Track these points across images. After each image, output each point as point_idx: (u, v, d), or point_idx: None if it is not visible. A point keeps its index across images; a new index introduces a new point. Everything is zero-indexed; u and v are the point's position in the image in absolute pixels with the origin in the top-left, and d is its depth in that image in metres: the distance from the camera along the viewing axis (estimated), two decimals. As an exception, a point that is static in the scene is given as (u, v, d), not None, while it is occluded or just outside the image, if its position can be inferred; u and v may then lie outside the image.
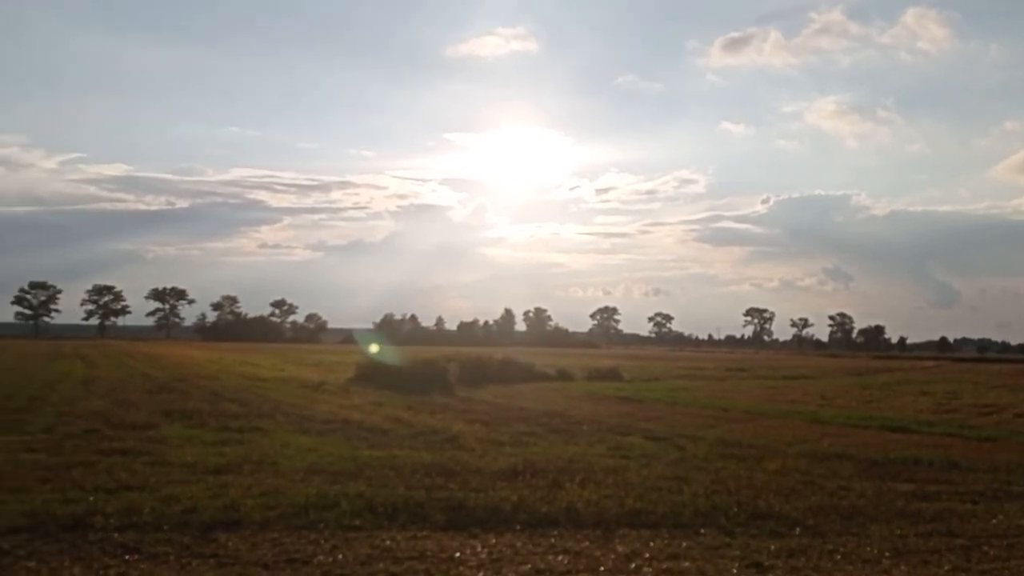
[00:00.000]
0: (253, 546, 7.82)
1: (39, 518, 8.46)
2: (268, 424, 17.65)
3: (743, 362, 74.17)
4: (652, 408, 24.49)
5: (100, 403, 21.62)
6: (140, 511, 8.77)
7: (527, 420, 19.56)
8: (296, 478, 11.05)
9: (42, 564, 7.03)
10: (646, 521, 9.25)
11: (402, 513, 9.23)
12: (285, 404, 22.47)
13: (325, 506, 9.28)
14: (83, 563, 7.10)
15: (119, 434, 15.40)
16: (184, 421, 18.03)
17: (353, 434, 16.41)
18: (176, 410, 20.03)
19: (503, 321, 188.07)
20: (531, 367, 39.31)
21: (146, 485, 10.24)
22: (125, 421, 17.48)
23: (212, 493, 9.76)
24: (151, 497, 9.44)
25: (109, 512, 8.67)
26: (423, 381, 29.48)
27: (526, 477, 11.42)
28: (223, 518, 8.67)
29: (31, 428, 16.23)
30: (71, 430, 15.88)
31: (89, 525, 8.26)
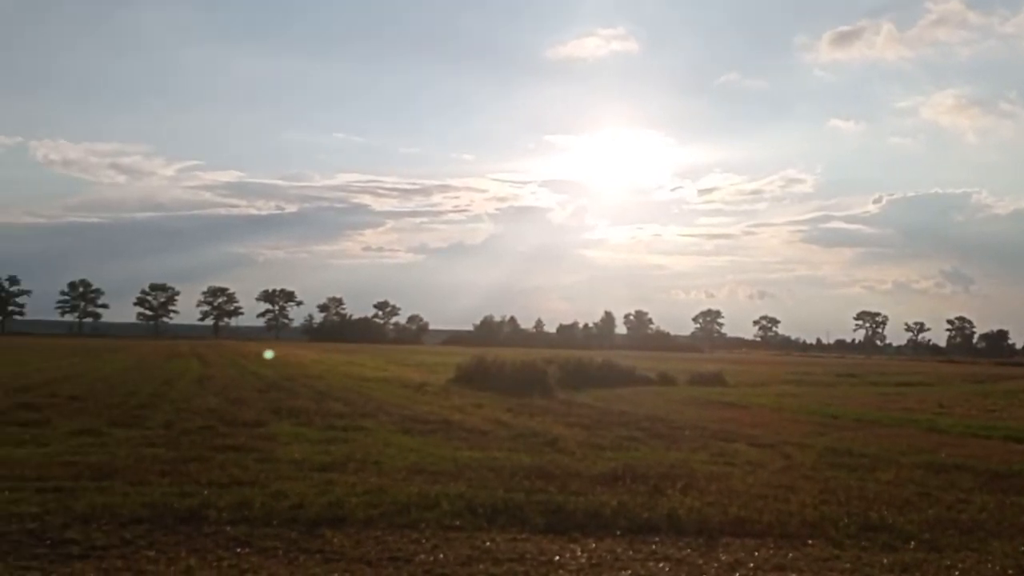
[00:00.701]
0: (357, 543, 7.98)
1: (158, 510, 8.85)
2: (371, 423, 18.01)
3: (854, 367, 71.59)
4: (757, 414, 23.87)
5: (214, 400, 22.54)
6: (251, 506, 9.08)
7: (627, 424, 19.35)
8: (398, 477, 11.23)
9: (161, 554, 7.35)
10: (751, 530, 9.00)
11: (502, 515, 9.25)
12: (388, 404, 22.91)
13: (426, 506, 9.39)
14: (198, 555, 7.39)
15: (231, 431, 16.00)
16: (292, 419, 18.58)
17: (454, 435, 16.58)
18: (284, 408, 20.69)
19: (603, 324, 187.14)
20: (632, 370, 38.91)
21: (256, 481, 10.59)
22: (237, 418, 18.15)
23: (318, 490, 10.01)
24: (261, 493, 9.76)
25: (222, 506, 9.00)
26: (523, 383, 29.58)
27: (626, 482, 11.29)
28: (328, 515, 8.88)
29: (151, 424, 17.03)
30: (187, 426, 16.59)
31: (204, 518, 8.60)
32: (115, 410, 19.40)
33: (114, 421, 17.12)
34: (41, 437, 14.48)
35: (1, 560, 6.99)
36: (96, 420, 17.17)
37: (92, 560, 7.11)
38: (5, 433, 14.77)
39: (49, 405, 20.15)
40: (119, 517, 8.53)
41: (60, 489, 9.74)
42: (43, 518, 8.38)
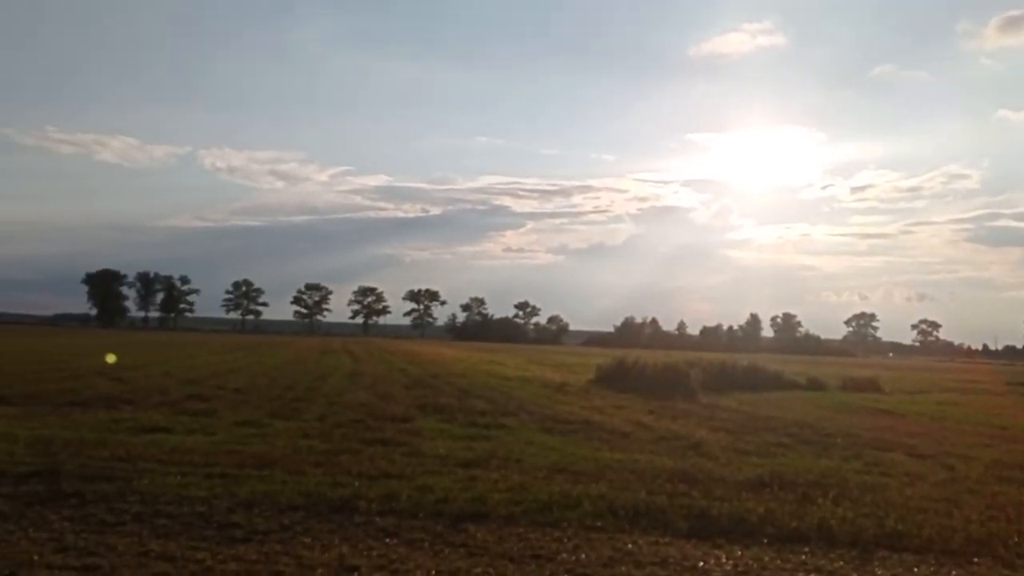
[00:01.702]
0: (500, 539, 8.11)
1: (313, 499, 9.30)
2: (513, 422, 18.23)
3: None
4: (916, 423, 22.54)
5: (364, 395, 23.44)
6: (398, 498, 9.39)
7: (774, 430, 18.72)
8: (540, 476, 11.32)
9: (316, 541, 7.72)
10: (909, 545, 8.52)
11: (643, 517, 9.16)
12: (529, 403, 23.12)
13: (568, 505, 9.42)
14: (350, 543, 7.71)
15: (380, 425, 16.60)
16: (436, 415, 19.07)
17: (594, 435, 16.54)
18: (429, 404, 21.26)
19: (748, 326, 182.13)
20: (779, 375, 37.59)
21: (403, 474, 10.94)
22: (385, 413, 18.80)
23: (462, 485, 10.23)
24: (408, 486, 10.07)
25: (371, 497, 9.36)
26: (664, 386, 29.16)
27: (773, 489, 10.93)
28: (472, 510, 9.07)
29: (306, 416, 17.90)
30: (339, 419, 17.33)
31: (354, 508, 8.97)
32: (274, 403, 20.51)
33: (273, 413, 18.10)
34: (209, 426, 15.51)
35: (174, 539, 7.53)
36: (257, 412, 18.21)
37: (254, 544, 7.55)
38: (178, 422, 15.90)
39: (216, 396, 21.55)
40: (278, 504, 9.02)
41: (226, 476, 10.40)
42: (210, 502, 8.97)
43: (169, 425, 15.28)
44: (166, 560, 6.88)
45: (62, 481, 9.63)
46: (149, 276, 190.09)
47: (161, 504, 8.80)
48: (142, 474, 10.26)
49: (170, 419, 16.31)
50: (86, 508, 8.58)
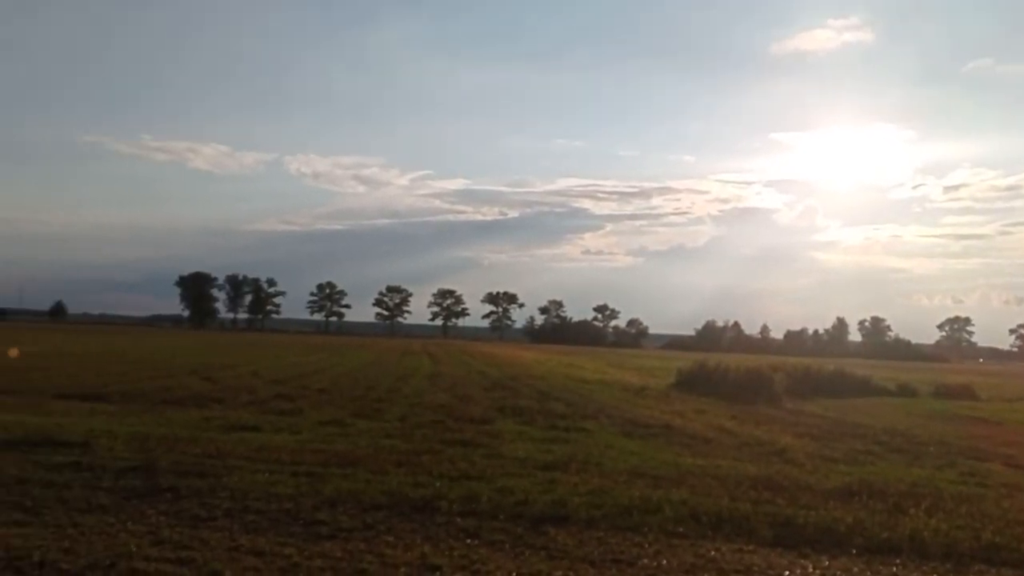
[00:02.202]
0: (580, 543, 8.08)
1: (395, 498, 9.44)
2: (592, 425, 18.16)
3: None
4: (1015, 432, 21.57)
5: (443, 397, 23.70)
6: (479, 499, 9.46)
7: (863, 437, 18.17)
8: (620, 480, 11.24)
9: (398, 540, 7.84)
10: (1008, 559, 8.16)
11: (726, 524, 9.00)
12: (608, 406, 23.00)
13: (648, 510, 9.33)
14: (431, 543, 7.80)
15: (460, 426, 16.75)
16: (516, 417, 19.13)
17: (675, 440, 16.35)
18: (508, 407, 21.36)
19: (835, 330, 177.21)
20: (867, 380, 36.47)
21: (483, 476, 11.01)
22: (465, 414, 18.97)
23: (542, 488, 10.24)
24: (488, 487, 10.13)
25: (452, 498, 9.45)
26: (747, 391, 28.63)
27: (862, 498, 10.61)
28: (552, 513, 9.06)
29: (388, 416, 18.19)
30: (420, 420, 17.57)
31: (436, 508, 9.06)
32: (357, 403, 20.92)
33: (356, 413, 18.46)
34: (295, 425, 15.91)
35: (263, 535, 7.75)
36: (341, 411, 18.60)
37: (339, 541, 7.71)
38: (265, 420, 16.36)
39: (301, 396, 22.10)
40: (362, 503, 9.19)
41: (311, 474, 10.64)
42: (297, 499, 9.20)
43: (257, 424, 15.73)
44: (255, 555, 7.08)
45: (158, 476, 10.02)
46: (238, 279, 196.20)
47: (250, 500, 9.06)
48: (232, 471, 10.58)
49: (258, 418, 16.79)
50: (180, 503, 8.91)
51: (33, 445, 11.76)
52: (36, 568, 6.40)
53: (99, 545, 7.11)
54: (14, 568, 6.37)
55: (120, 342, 64.25)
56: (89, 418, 15.67)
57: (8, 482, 9.45)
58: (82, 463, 10.63)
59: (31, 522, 7.85)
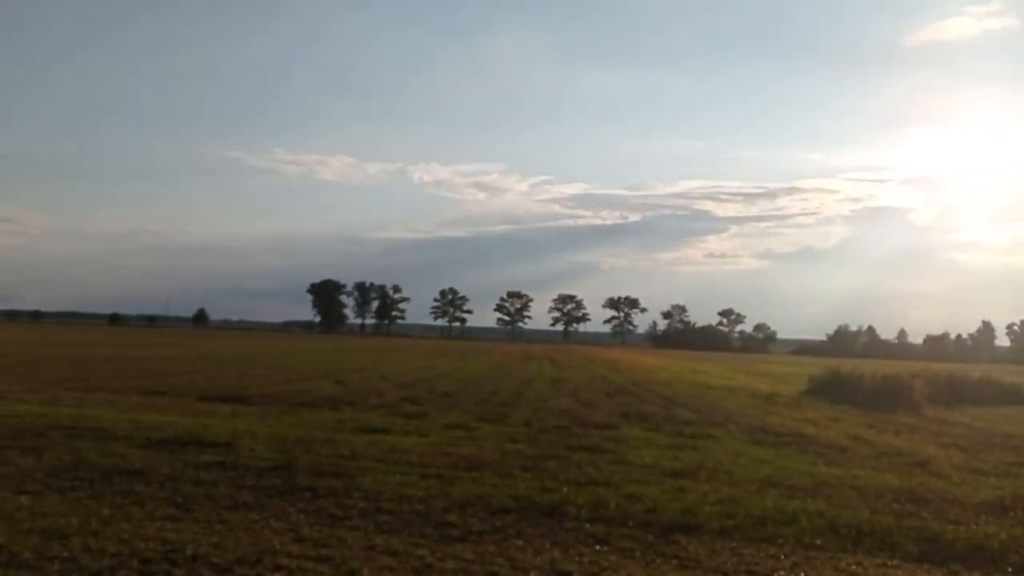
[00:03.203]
0: (712, 552, 7.89)
1: (523, 502, 9.49)
2: (720, 432, 17.75)
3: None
4: None
5: (567, 402, 23.69)
6: (606, 506, 9.38)
7: (1016, 448, 17.01)
8: (751, 489, 10.93)
9: (528, 544, 7.86)
10: None
11: (867, 538, 8.60)
12: (736, 413, 22.43)
13: (783, 521, 9.02)
14: (561, 548, 7.78)
15: (584, 432, 16.68)
16: (640, 424, 18.92)
17: (808, 449, 15.77)
18: (632, 412, 21.14)
19: (980, 335, 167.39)
20: (1018, 388, 34.19)
21: (610, 482, 10.92)
22: (589, 420, 18.89)
23: (670, 496, 10.06)
24: (616, 494, 10.04)
25: (580, 503, 9.41)
26: (884, 398, 27.32)
27: (1017, 513, 9.94)
28: (682, 521, 8.89)
29: (512, 421, 18.32)
30: (544, 425, 17.61)
31: (564, 514, 9.05)
32: (481, 407, 21.19)
33: (481, 417, 18.69)
34: (422, 428, 16.25)
35: (396, 536, 7.93)
36: (466, 415, 18.87)
37: (470, 543, 7.80)
38: (394, 423, 16.79)
39: (427, 400, 22.56)
40: (490, 506, 9.28)
41: (440, 476, 10.84)
42: (427, 501, 9.37)
43: (387, 426, 16.15)
44: (390, 555, 7.25)
45: (296, 476, 10.42)
46: (365, 285, 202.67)
47: (383, 501, 9.30)
48: (365, 472, 10.90)
49: (387, 420, 17.24)
50: (318, 502, 9.23)
51: (182, 444, 12.46)
52: (189, 561, 6.76)
53: (245, 541, 7.45)
54: (170, 560, 6.75)
55: (256, 347, 67.41)
56: (232, 419, 16.48)
57: (161, 479, 10.04)
58: (227, 462, 11.18)
59: (183, 517, 8.30)
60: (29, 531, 7.39)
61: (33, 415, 15.05)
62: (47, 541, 7.10)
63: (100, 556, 6.74)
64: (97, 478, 9.91)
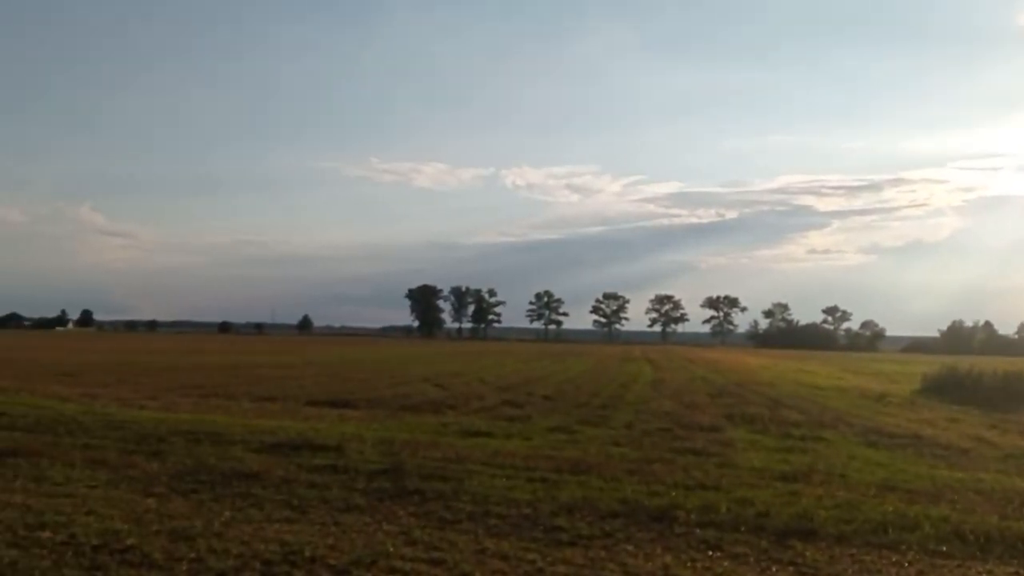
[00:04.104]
0: (831, 559, 7.62)
1: (630, 506, 9.39)
2: (831, 434, 17.19)
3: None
4: None
5: (668, 404, 23.37)
6: (717, 510, 9.19)
7: None
8: (868, 493, 10.52)
9: (638, 549, 7.77)
10: None
11: (997, 544, 8.17)
12: (846, 414, 21.69)
13: (904, 526, 8.65)
14: (672, 553, 7.66)
15: (688, 434, 16.41)
16: (746, 426, 18.50)
17: (926, 451, 15.10)
18: (737, 414, 20.69)
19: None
20: None
21: (719, 486, 10.69)
22: (692, 422, 18.57)
23: (783, 500, 9.79)
24: (726, 498, 9.82)
25: (689, 508, 9.25)
26: (1007, 397, 26.00)
27: None
28: (797, 526, 8.62)
29: (613, 424, 18.18)
30: (647, 428, 17.40)
31: (673, 518, 8.90)
32: (582, 409, 21.12)
33: (582, 420, 18.62)
34: (524, 431, 16.29)
35: (506, 539, 7.96)
36: (567, 418, 18.84)
37: (579, 548, 7.76)
38: (497, 426, 16.89)
39: (528, 403, 22.63)
40: (598, 510, 9.21)
41: (545, 480, 10.83)
42: (534, 505, 9.38)
43: (489, 430, 16.26)
44: (501, 559, 7.28)
45: (405, 479, 10.59)
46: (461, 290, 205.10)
47: (491, 504, 9.35)
48: (471, 475, 10.98)
49: (489, 424, 17.36)
50: (427, 505, 9.36)
51: (294, 448, 12.83)
52: (308, 563, 6.95)
53: (359, 543, 7.61)
54: (289, 562, 6.95)
55: (358, 352, 69.01)
56: (339, 423, 16.90)
57: (276, 482, 10.36)
58: (337, 465, 11.46)
59: (299, 519, 8.55)
60: (157, 532, 7.74)
61: (155, 421, 15.78)
62: (174, 542, 7.42)
63: (224, 557, 7.00)
64: (217, 481, 10.31)
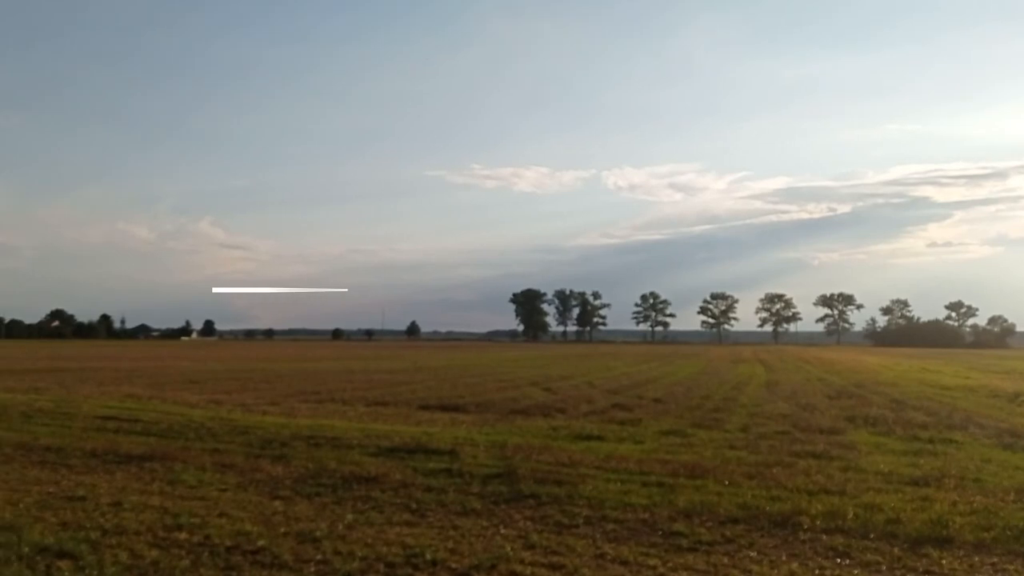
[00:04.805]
0: (970, 568, 7.23)
1: (751, 511, 9.15)
2: (961, 436, 16.33)
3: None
4: None
5: (784, 406, 22.68)
6: (843, 516, 8.86)
7: None
8: (1007, 499, 9.94)
9: (762, 556, 7.55)
10: None
11: None
12: (977, 415, 20.57)
13: (1053, 535, 8.13)
14: (798, 560, 7.41)
15: (807, 437, 15.88)
16: (869, 428, 17.78)
17: (1070, 454, 14.15)
18: (859, 416, 19.91)
19: None
20: None
21: (844, 491, 10.30)
22: (811, 424, 17.97)
23: (914, 506, 9.36)
24: (852, 503, 9.46)
25: (813, 514, 8.94)
26: None
27: None
28: (931, 534, 8.22)
29: (728, 427, 17.77)
30: (762, 431, 16.94)
31: (797, 524, 8.62)
32: (694, 412, 20.73)
33: (695, 423, 18.28)
34: (636, 435, 16.11)
35: (624, 544, 7.88)
36: (679, 421, 18.54)
37: (700, 554, 7.60)
38: (608, 430, 16.77)
39: (637, 406, 22.38)
40: (716, 515, 9.02)
41: (661, 484, 10.68)
42: (651, 510, 9.25)
43: (600, 433, 16.15)
44: (621, 564, 7.21)
45: (519, 483, 10.62)
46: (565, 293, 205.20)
47: (607, 509, 9.28)
48: (585, 479, 10.94)
49: (600, 427, 17.25)
50: (542, 509, 9.36)
51: (409, 452, 13.08)
52: (429, 566, 7.05)
53: (478, 546, 7.67)
54: (412, 565, 7.07)
55: (465, 357, 69.85)
56: (451, 427, 17.12)
57: (394, 485, 10.57)
58: (452, 469, 11.61)
59: (418, 523, 8.69)
60: (285, 534, 8.01)
61: (277, 426, 16.37)
62: (301, 544, 7.66)
63: (350, 559, 7.18)
64: (338, 484, 10.60)
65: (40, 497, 9.68)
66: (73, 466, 11.97)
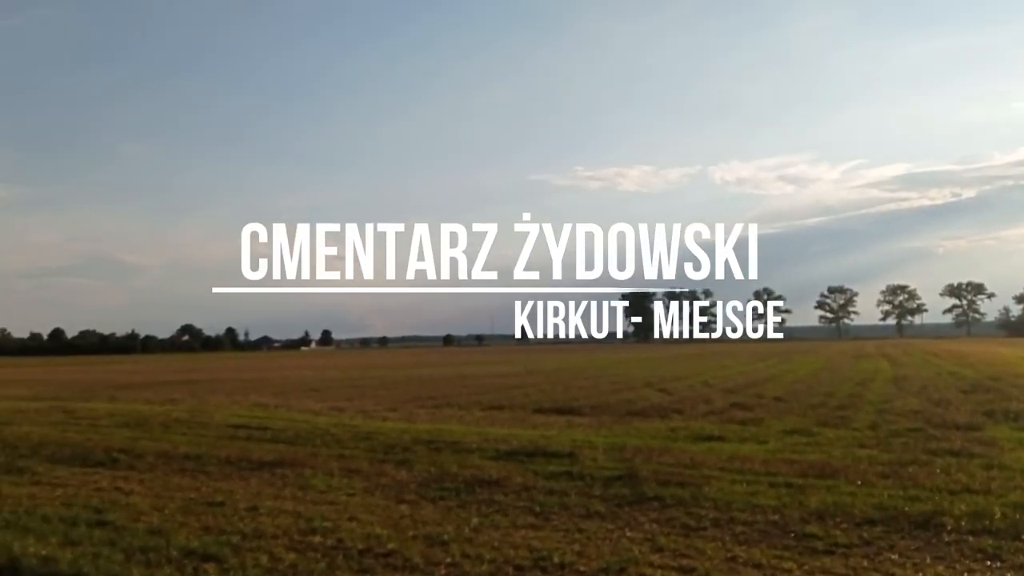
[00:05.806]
0: None
1: (888, 512, 8.76)
2: (1117, 430, 15.22)
3: None
4: None
5: (915, 401, 21.67)
6: (990, 516, 8.39)
7: None
8: None
9: (904, 558, 7.21)
10: None
11: None
12: None
13: None
14: (944, 563, 7.05)
15: (943, 434, 15.12)
16: (1010, 423, 16.80)
17: None
18: (998, 411, 18.82)
19: None
20: None
21: (989, 489, 9.75)
22: (946, 420, 17.11)
23: (1070, 505, 8.76)
24: (998, 503, 8.95)
25: (957, 514, 8.50)
26: None
27: None
28: (1091, 535, 7.67)
29: (856, 424, 17.09)
30: (894, 428, 16.22)
31: (939, 525, 8.21)
32: (818, 410, 20.05)
33: (820, 421, 17.68)
34: (758, 435, 15.69)
35: (755, 547, 7.67)
36: (803, 420, 17.96)
37: (838, 557, 7.32)
38: (728, 430, 16.40)
39: (757, 405, 21.81)
40: (852, 516, 8.67)
41: (790, 485, 10.35)
42: (781, 511, 8.98)
43: (721, 434, 15.81)
44: (754, 567, 7.02)
45: (641, 485, 10.49)
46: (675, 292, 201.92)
47: (734, 511, 9.06)
48: (709, 480, 10.72)
49: (720, 428, 16.90)
50: (667, 511, 9.22)
51: (528, 455, 13.12)
52: (558, 569, 7.05)
53: (605, 549, 7.62)
54: (540, 568, 7.08)
55: (577, 359, 69.69)
56: (568, 430, 17.10)
57: (516, 489, 10.62)
58: (572, 472, 11.58)
59: (543, 526, 8.70)
60: (414, 538, 8.16)
61: (398, 431, 16.72)
62: (430, 547, 7.79)
63: (478, 563, 7.25)
64: (461, 488, 10.73)
65: (183, 503, 10.18)
66: (210, 473, 12.54)
